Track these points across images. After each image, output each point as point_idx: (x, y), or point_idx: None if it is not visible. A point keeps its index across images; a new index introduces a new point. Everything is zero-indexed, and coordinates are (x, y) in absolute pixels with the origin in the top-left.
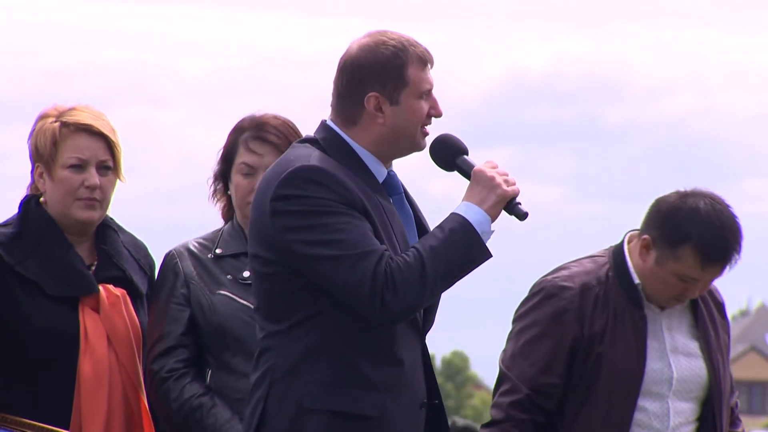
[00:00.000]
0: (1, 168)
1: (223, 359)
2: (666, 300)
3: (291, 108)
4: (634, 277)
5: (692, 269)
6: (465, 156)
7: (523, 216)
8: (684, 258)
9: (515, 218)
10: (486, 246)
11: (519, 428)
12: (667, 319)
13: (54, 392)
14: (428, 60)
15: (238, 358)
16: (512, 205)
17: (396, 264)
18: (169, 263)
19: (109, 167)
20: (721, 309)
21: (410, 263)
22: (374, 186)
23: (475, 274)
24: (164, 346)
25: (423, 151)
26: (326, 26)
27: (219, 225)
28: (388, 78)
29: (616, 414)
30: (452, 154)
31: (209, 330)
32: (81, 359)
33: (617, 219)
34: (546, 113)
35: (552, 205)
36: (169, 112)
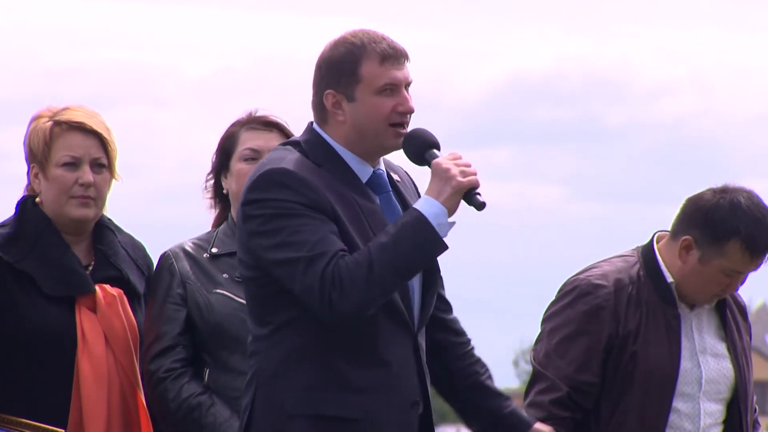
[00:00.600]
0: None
1: (221, 358)
2: (708, 298)
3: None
4: (667, 276)
5: (739, 263)
6: (434, 150)
7: (481, 206)
8: (731, 253)
9: (474, 209)
10: (440, 237)
11: (563, 427)
12: (696, 319)
13: (51, 392)
14: (392, 56)
15: (236, 357)
16: (470, 196)
17: (345, 263)
18: (165, 263)
19: (103, 165)
20: (743, 312)
21: (358, 261)
22: (355, 186)
23: (476, 274)
24: (161, 346)
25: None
26: (326, 26)
27: (212, 226)
28: (342, 74)
29: (652, 415)
30: (421, 149)
31: (207, 329)
32: (79, 359)
33: (617, 219)
34: (547, 113)
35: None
36: (170, 113)
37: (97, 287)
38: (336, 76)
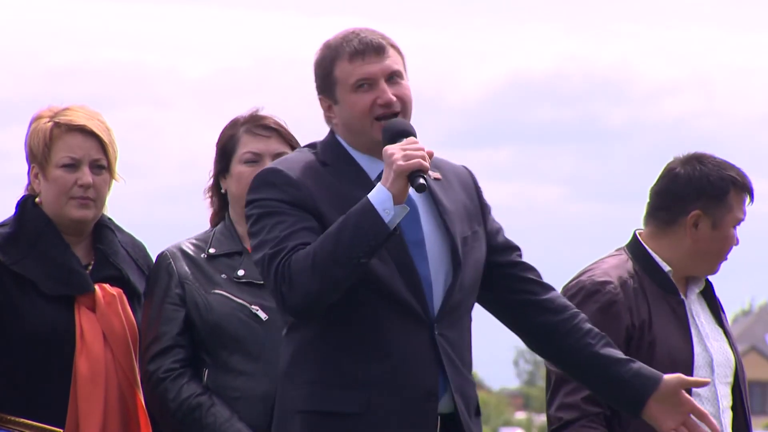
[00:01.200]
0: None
1: (221, 358)
2: (716, 266)
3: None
4: (664, 266)
5: (741, 208)
6: (403, 139)
7: (419, 188)
8: (734, 202)
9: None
10: (382, 222)
11: (595, 422)
12: (693, 306)
13: (50, 391)
14: (361, 51)
15: (235, 357)
16: (413, 178)
17: (295, 257)
18: (163, 263)
19: (103, 166)
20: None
21: (306, 252)
22: (363, 183)
23: None
24: (160, 347)
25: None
26: (326, 26)
27: (210, 225)
28: (323, 79)
29: None
30: (391, 140)
31: (206, 329)
32: (77, 358)
33: (618, 219)
34: (548, 114)
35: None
36: (171, 113)
37: (97, 287)
38: (320, 82)
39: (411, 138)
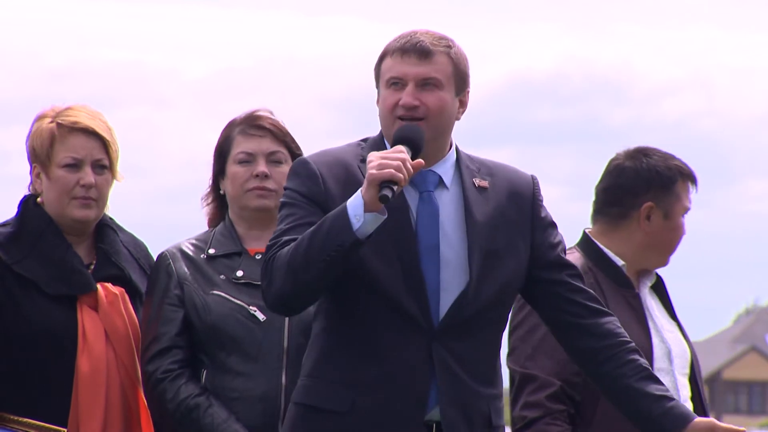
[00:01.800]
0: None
1: (219, 359)
2: (668, 257)
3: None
4: (617, 261)
5: (687, 197)
6: (400, 146)
7: (381, 199)
8: (681, 192)
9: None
10: (350, 228)
11: (559, 419)
12: (646, 299)
13: (52, 391)
14: (405, 51)
15: (234, 358)
16: (381, 188)
17: (280, 253)
18: (162, 264)
19: (105, 166)
20: None
21: (287, 249)
22: None
23: None
24: (159, 348)
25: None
26: (326, 26)
27: (207, 225)
28: (375, 69)
29: None
30: (396, 142)
31: (204, 330)
32: (79, 357)
33: None
34: (549, 114)
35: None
36: (171, 113)
37: (99, 286)
38: (374, 73)
39: (398, 147)
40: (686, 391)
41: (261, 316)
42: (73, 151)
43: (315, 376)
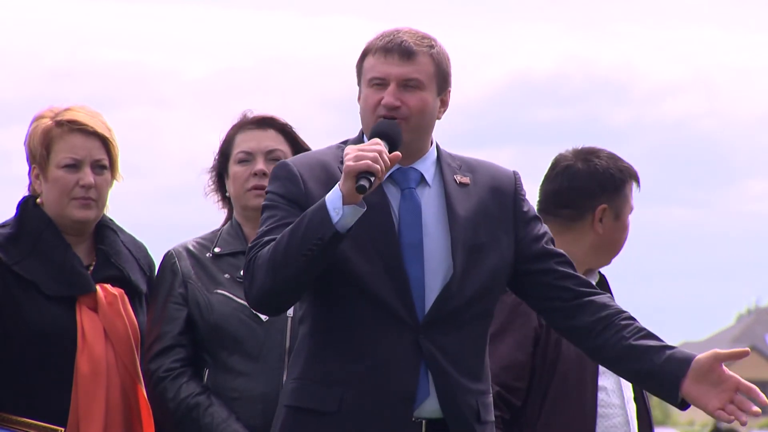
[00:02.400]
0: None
1: (221, 358)
2: (615, 255)
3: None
4: None
5: (631, 197)
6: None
7: (358, 189)
8: (630, 192)
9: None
10: (329, 220)
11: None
12: None
13: (51, 391)
14: (387, 50)
15: (235, 357)
16: (358, 179)
17: (261, 252)
18: (168, 263)
19: (105, 166)
20: None
21: (269, 247)
22: None
23: None
24: (161, 346)
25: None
26: (326, 26)
27: (220, 225)
28: (357, 67)
29: (583, 397)
30: (373, 137)
31: (206, 329)
32: (78, 358)
33: None
34: (549, 114)
35: None
36: (171, 113)
37: (98, 287)
38: (356, 70)
39: (375, 139)
40: (629, 392)
41: (263, 316)
42: (72, 152)
43: (303, 378)
